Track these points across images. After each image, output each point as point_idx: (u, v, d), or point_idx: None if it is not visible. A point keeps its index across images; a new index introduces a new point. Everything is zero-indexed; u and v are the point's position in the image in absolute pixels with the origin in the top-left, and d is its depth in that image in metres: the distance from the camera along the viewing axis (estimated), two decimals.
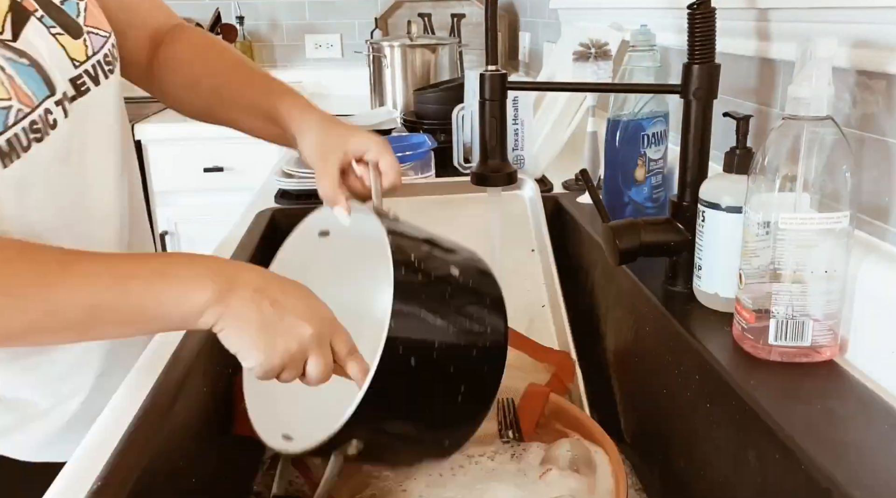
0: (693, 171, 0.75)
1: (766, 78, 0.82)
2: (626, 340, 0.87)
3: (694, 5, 0.70)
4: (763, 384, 0.59)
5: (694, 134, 0.74)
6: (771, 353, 0.62)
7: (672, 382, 0.72)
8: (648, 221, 0.78)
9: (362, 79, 2.01)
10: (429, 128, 1.45)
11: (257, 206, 1.16)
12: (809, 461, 0.50)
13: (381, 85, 1.88)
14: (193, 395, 0.68)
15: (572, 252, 1.10)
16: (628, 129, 0.94)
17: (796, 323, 0.61)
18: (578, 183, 1.19)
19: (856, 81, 0.66)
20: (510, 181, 0.79)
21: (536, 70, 2.12)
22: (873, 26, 0.62)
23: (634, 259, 0.76)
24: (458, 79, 1.65)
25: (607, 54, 1.04)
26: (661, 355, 0.75)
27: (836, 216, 0.58)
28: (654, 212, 0.96)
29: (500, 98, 0.76)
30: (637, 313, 0.82)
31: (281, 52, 2.69)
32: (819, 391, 0.58)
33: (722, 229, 0.69)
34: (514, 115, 1.15)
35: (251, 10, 2.62)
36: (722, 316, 0.71)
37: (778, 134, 0.60)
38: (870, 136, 0.64)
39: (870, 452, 0.50)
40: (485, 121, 0.77)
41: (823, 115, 0.58)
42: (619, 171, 0.96)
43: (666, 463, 0.76)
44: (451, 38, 2.32)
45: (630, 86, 0.94)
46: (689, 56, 0.72)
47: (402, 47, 1.84)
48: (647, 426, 0.81)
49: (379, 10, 2.62)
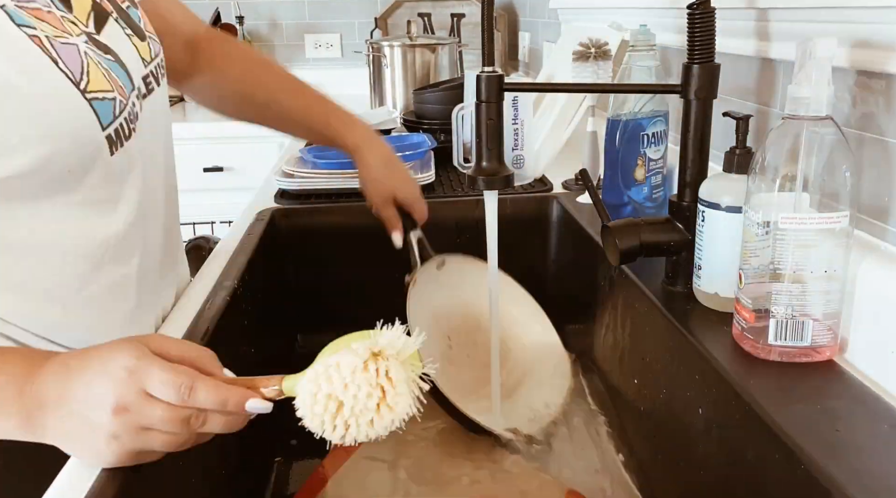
0: (693, 170, 0.75)
1: (766, 78, 0.82)
2: (625, 340, 0.87)
3: (694, 5, 0.70)
4: (763, 384, 0.59)
5: (694, 134, 0.74)
6: (771, 353, 0.62)
7: (672, 382, 0.72)
8: (648, 221, 0.78)
9: (362, 79, 2.01)
10: (429, 128, 1.45)
11: (257, 206, 1.16)
12: (809, 461, 0.50)
13: (381, 85, 1.88)
14: None
15: (572, 252, 1.10)
16: (628, 128, 0.94)
17: (796, 323, 0.61)
18: (578, 183, 1.19)
19: (856, 81, 0.66)
20: (507, 184, 0.78)
21: (536, 70, 2.12)
22: (873, 26, 0.62)
23: (634, 259, 0.76)
24: (457, 79, 1.65)
25: (607, 54, 1.04)
26: (661, 355, 0.75)
27: (836, 216, 0.58)
28: (653, 212, 0.96)
29: (496, 100, 0.75)
30: (637, 313, 0.82)
31: (281, 51, 2.69)
32: (819, 391, 0.58)
33: (722, 229, 0.69)
34: (513, 115, 1.15)
35: (251, 9, 2.62)
36: (722, 316, 0.71)
37: (778, 134, 0.60)
38: (870, 135, 0.64)
39: (870, 452, 0.50)
40: (481, 123, 0.76)
41: (823, 114, 0.58)
42: (618, 170, 0.96)
43: (666, 463, 0.76)
44: (451, 37, 2.32)
45: (630, 86, 0.94)
46: (689, 56, 0.72)
47: (401, 47, 1.84)
48: (646, 426, 0.81)
49: (379, 9, 2.61)
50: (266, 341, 1.00)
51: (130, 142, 0.67)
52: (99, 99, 0.62)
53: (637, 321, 0.82)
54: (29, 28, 0.58)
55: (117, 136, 0.65)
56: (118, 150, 0.65)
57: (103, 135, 0.63)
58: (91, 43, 0.65)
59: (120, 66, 0.67)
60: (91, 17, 0.67)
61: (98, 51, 0.65)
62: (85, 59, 0.62)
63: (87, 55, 0.63)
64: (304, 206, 1.17)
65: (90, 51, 0.64)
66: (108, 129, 0.63)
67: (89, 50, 0.64)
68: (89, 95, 0.61)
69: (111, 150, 0.64)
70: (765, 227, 0.60)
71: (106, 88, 0.63)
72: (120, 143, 0.65)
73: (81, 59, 0.62)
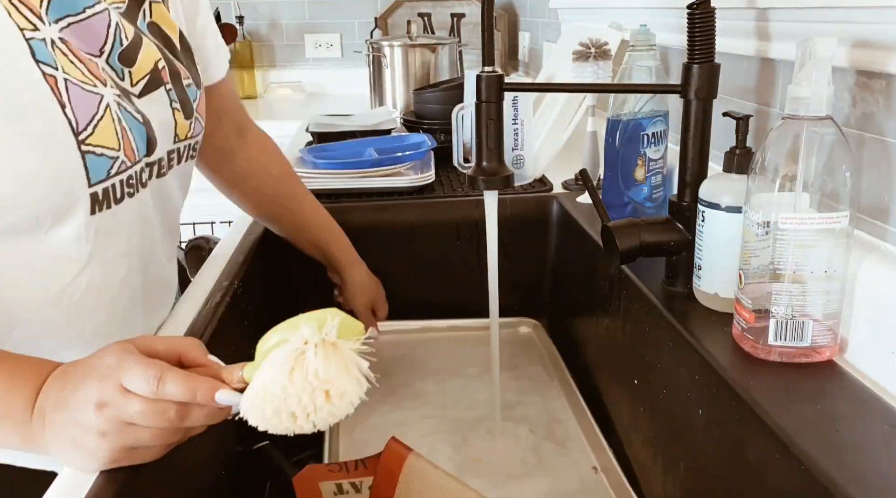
0: (693, 170, 0.75)
1: (766, 78, 0.82)
2: (625, 340, 0.87)
3: (694, 5, 0.70)
4: (762, 384, 0.59)
5: (694, 134, 0.74)
6: (770, 353, 0.62)
7: (672, 382, 0.72)
8: (648, 221, 0.78)
9: (362, 78, 2.01)
10: (428, 128, 1.45)
11: None
12: (809, 461, 0.50)
13: (381, 85, 1.88)
14: None
15: (572, 252, 1.10)
16: (628, 128, 0.94)
17: (796, 323, 0.60)
18: (578, 183, 1.19)
19: (856, 81, 0.66)
20: (507, 185, 0.77)
21: (536, 69, 2.12)
22: (873, 26, 0.62)
23: (634, 259, 0.76)
24: (457, 79, 1.65)
25: (607, 54, 1.04)
26: (661, 355, 0.75)
27: (836, 216, 0.58)
28: (653, 212, 0.96)
29: (496, 100, 0.75)
30: (637, 313, 0.82)
31: (281, 51, 2.69)
32: (818, 391, 0.58)
33: (722, 229, 0.69)
34: (513, 115, 1.15)
35: (251, 9, 2.62)
36: (721, 316, 0.71)
37: (778, 134, 0.60)
38: (870, 135, 0.64)
39: (869, 452, 0.50)
40: (481, 123, 0.75)
41: (823, 114, 0.58)
42: (618, 170, 0.96)
43: (666, 463, 0.76)
44: (451, 37, 2.33)
45: (630, 86, 0.94)
46: (689, 56, 0.72)
47: (401, 47, 1.84)
48: (646, 426, 0.81)
49: (379, 9, 2.61)
50: None
51: (122, 206, 0.65)
52: (96, 154, 0.60)
53: (637, 321, 0.82)
54: (48, 66, 0.57)
55: (105, 195, 0.62)
56: (102, 210, 0.62)
57: (88, 191, 0.60)
58: (126, 101, 0.64)
59: (147, 130, 0.66)
60: (145, 80, 0.67)
61: (128, 111, 0.64)
62: (102, 112, 0.60)
63: (109, 109, 0.61)
64: None
65: (117, 107, 0.62)
66: (96, 187, 0.61)
67: (116, 106, 0.62)
68: (86, 147, 0.59)
69: (93, 208, 0.61)
70: (765, 228, 0.60)
71: (110, 145, 0.61)
72: (107, 204, 0.63)
73: (97, 110, 0.60)
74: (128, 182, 0.65)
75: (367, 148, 1.33)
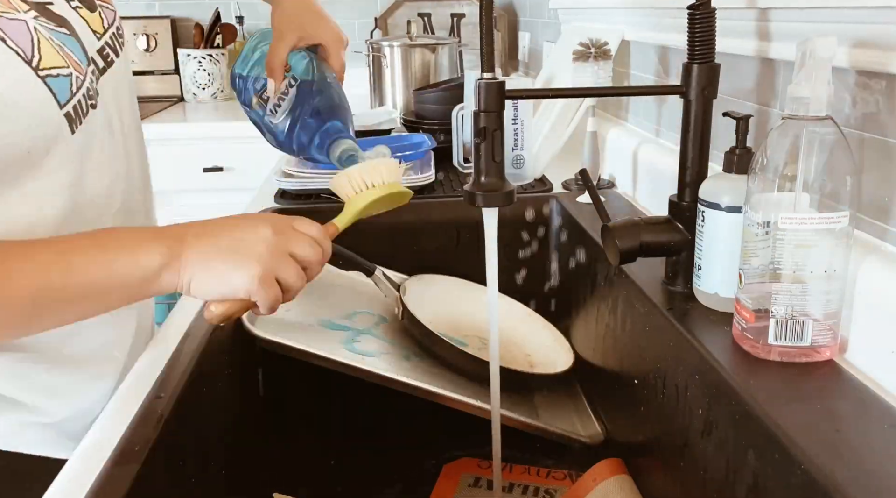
0: (693, 170, 0.75)
1: (766, 78, 0.82)
2: (625, 340, 0.87)
3: (694, 5, 0.70)
4: (763, 384, 0.59)
5: (694, 134, 0.74)
6: (770, 353, 0.62)
7: (672, 381, 0.72)
8: (648, 221, 0.78)
9: (362, 78, 2.01)
10: (428, 128, 1.45)
11: (257, 206, 1.16)
12: (809, 461, 0.50)
13: (381, 85, 1.88)
14: (192, 398, 0.68)
15: (572, 252, 1.10)
16: None
17: (796, 323, 0.61)
18: (578, 183, 1.19)
19: (856, 81, 0.66)
20: (508, 201, 0.71)
21: (536, 70, 2.12)
22: (873, 26, 0.62)
23: (634, 259, 0.76)
24: (457, 79, 1.65)
25: (607, 54, 1.04)
26: (661, 355, 0.75)
27: (836, 216, 0.58)
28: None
29: (497, 108, 0.68)
30: (637, 313, 0.82)
31: None
32: (818, 391, 0.58)
33: (722, 229, 0.69)
34: (513, 114, 1.15)
35: (251, 10, 2.62)
36: (722, 316, 0.71)
37: (778, 134, 0.60)
38: (870, 136, 0.64)
39: (869, 452, 0.50)
40: (481, 135, 0.68)
41: (823, 115, 0.58)
42: None
43: (666, 463, 0.76)
44: (451, 37, 2.32)
45: (630, 88, 0.94)
46: (689, 56, 0.72)
47: (401, 47, 1.84)
48: (646, 426, 0.81)
49: (379, 9, 2.61)
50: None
51: (90, 118, 0.66)
52: (53, 76, 0.60)
53: (637, 321, 0.82)
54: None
55: (76, 113, 0.63)
56: (78, 127, 0.64)
57: (61, 113, 0.61)
58: (43, 16, 0.63)
59: (75, 40, 0.65)
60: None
61: (51, 24, 0.63)
62: (35, 36, 0.60)
63: (38, 31, 0.61)
64: (305, 206, 1.17)
65: (41, 26, 0.62)
66: (66, 107, 0.62)
67: (39, 25, 0.62)
68: (42, 72, 0.59)
69: (71, 128, 0.63)
70: (765, 228, 0.60)
71: (60, 65, 0.61)
72: (79, 121, 0.64)
73: (31, 35, 0.60)
74: (88, 94, 0.65)
75: (367, 148, 1.32)
